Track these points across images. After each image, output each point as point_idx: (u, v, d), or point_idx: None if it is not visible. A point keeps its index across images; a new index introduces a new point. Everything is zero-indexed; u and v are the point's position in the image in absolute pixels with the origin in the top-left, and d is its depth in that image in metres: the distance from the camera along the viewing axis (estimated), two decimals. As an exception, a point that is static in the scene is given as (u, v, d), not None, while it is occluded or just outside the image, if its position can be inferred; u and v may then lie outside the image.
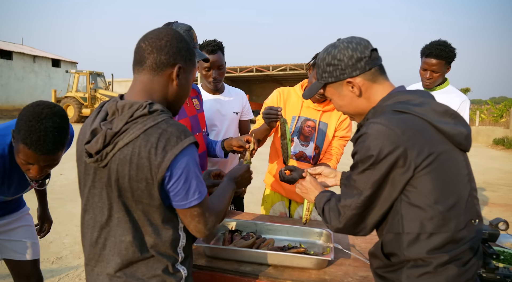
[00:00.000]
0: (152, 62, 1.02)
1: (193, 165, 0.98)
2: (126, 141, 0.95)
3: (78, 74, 18.63)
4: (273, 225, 1.74)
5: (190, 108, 1.83)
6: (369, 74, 1.09)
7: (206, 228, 1.04)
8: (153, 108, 0.98)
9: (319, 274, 1.37)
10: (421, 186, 0.96)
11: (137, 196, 0.97)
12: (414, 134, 0.96)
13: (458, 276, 0.98)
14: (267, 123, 1.79)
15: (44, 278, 2.87)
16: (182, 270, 1.09)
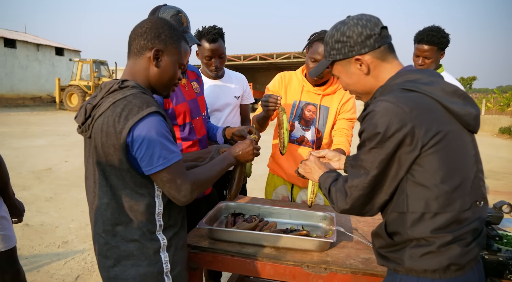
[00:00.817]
0: (134, 47, 1.16)
1: (155, 132, 1.05)
2: (100, 113, 1.08)
3: (81, 62, 18.60)
4: (276, 208, 1.75)
5: (189, 92, 1.82)
6: (378, 52, 1.07)
7: (180, 195, 1.10)
8: (124, 84, 1.11)
9: (321, 256, 1.38)
10: (428, 165, 0.95)
11: (109, 161, 1.08)
12: (422, 113, 0.95)
13: (461, 256, 0.98)
14: (265, 111, 1.78)
15: (50, 261, 2.96)
16: (161, 239, 1.15)
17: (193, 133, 1.78)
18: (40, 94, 23.47)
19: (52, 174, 5.86)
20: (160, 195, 1.14)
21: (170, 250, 1.17)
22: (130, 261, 1.12)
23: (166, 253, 1.16)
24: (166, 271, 1.15)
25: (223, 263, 1.40)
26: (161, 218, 1.15)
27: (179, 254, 1.20)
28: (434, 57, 2.31)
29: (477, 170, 1.02)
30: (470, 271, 1.01)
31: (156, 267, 1.13)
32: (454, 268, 0.98)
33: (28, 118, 14.54)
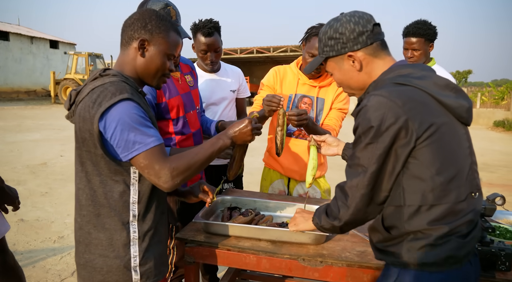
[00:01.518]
0: (123, 38, 1.19)
1: (129, 118, 1.05)
2: (80, 99, 1.12)
3: (77, 55, 18.42)
4: (272, 202, 1.75)
5: (183, 85, 1.80)
6: (370, 49, 1.08)
7: (160, 181, 1.07)
8: (106, 72, 1.14)
9: (317, 249, 1.39)
10: (423, 157, 0.96)
11: (86, 146, 1.09)
12: (415, 106, 0.96)
13: (458, 249, 0.99)
14: (266, 110, 1.77)
15: (46, 257, 2.96)
16: (132, 231, 1.13)
17: (187, 127, 1.77)
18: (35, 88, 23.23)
19: (47, 168, 5.82)
20: (136, 183, 1.13)
21: (142, 245, 1.15)
22: (98, 250, 1.13)
23: (137, 247, 1.14)
24: (134, 266, 1.13)
25: (219, 257, 1.40)
26: (136, 208, 1.14)
27: (152, 250, 1.17)
28: (422, 49, 2.36)
29: (471, 162, 1.03)
30: (467, 263, 1.02)
31: (124, 260, 1.12)
32: (452, 261, 0.99)
33: (23, 112, 14.41)
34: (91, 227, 1.13)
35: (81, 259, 1.16)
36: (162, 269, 1.24)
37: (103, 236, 1.12)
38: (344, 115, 2.07)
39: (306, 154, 2.03)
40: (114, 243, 1.13)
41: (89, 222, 1.13)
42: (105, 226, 1.12)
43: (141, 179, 1.14)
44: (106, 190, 1.11)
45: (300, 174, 2.07)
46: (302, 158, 2.05)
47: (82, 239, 1.15)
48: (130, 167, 1.12)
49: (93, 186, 1.11)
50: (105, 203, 1.12)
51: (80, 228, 1.16)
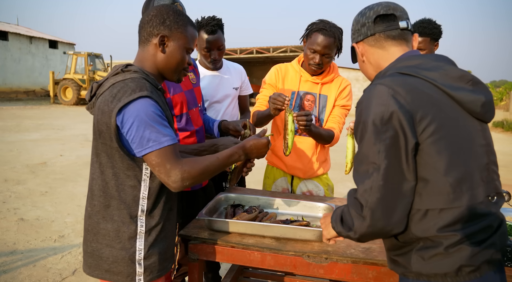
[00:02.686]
0: (142, 35, 1.21)
1: (146, 115, 1.06)
2: (101, 92, 1.14)
3: (76, 55, 18.35)
4: (276, 199, 1.74)
5: (186, 83, 1.80)
6: (372, 40, 1.06)
7: (170, 180, 1.08)
8: (128, 68, 1.16)
9: (321, 246, 1.38)
10: (427, 156, 0.89)
11: (102, 138, 1.11)
12: (419, 97, 0.90)
13: (472, 257, 0.90)
14: (272, 108, 1.76)
15: (47, 256, 2.94)
16: (139, 225, 1.15)
17: (190, 123, 1.76)
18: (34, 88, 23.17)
19: (47, 168, 5.81)
20: (147, 179, 1.16)
21: (148, 239, 1.16)
22: (105, 240, 1.15)
23: (143, 241, 1.15)
24: (138, 259, 1.15)
25: (223, 254, 1.40)
26: (145, 203, 1.16)
27: (158, 245, 1.18)
28: (428, 48, 2.36)
29: (488, 161, 0.96)
30: (489, 272, 0.93)
31: (129, 252, 1.14)
32: (468, 270, 0.91)
33: (22, 112, 14.37)
34: (100, 217, 1.15)
35: (88, 247, 1.18)
36: (166, 264, 1.24)
37: (111, 227, 1.14)
38: (347, 112, 2.07)
39: (310, 151, 2.03)
40: (121, 235, 1.14)
41: (98, 212, 1.16)
42: (114, 218, 1.14)
43: (152, 176, 1.16)
44: (118, 182, 1.13)
45: (303, 172, 2.06)
46: (306, 155, 2.04)
47: (91, 228, 1.17)
48: (143, 163, 1.13)
49: (105, 178, 1.14)
50: (115, 195, 1.14)
51: (89, 217, 1.18)
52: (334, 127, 1.99)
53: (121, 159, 1.12)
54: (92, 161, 1.18)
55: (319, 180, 2.11)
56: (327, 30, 1.84)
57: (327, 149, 2.13)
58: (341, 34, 1.90)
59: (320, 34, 1.84)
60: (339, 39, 1.88)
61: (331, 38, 1.84)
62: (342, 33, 1.91)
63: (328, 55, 1.89)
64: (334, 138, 1.97)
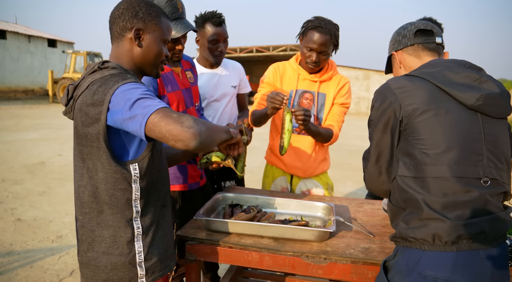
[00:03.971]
0: (114, 31, 1.15)
1: (135, 91, 0.98)
2: (79, 93, 1.07)
3: (75, 54, 18.29)
4: (274, 199, 1.72)
5: (183, 81, 1.77)
6: (410, 49, 1.22)
7: (184, 126, 0.92)
8: (104, 65, 1.10)
9: (320, 246, 1.36)
10: (414, 133, 1.04)
11: (89, 141, 1.05)
12: (411, 90, 1.06)
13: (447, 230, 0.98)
14: (270, 107, 1.74)
15: (44, 256, 2.92)
16: (136, 227, 1.11)
17: None
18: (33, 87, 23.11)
19: (45, 168, 5.78)
20: (137, 180, 1.10)
21: (146, 240, 1.13)
22: (102, 248, 1.10)
23: (141, 242, 1.12)
24: (139, 262, 1.11)
25: (221, 254, 1.37)
26: (138, 204, 1.12)
27: (156, 245, 1.16)
28: None
29: (485, 149, 1.03)
30: (472, 252, 0.98)
31: (128, 257, 1.10)
32: (444, 241, 0.99)
33: (20, 111, 14.33)
34: (94, 225, 1.10)
35: (83, 257, 1.13)
36: (168, 263, 1.22)
37: (107, 233, 1.09)
38: (346, 110, 2.05)
39: (309, 150, 2.01)
40: (118, 240, 1.10)
41: (91, 219, 1.10)
42: (109, 223, 1.09)
43: (142, 176, 1.11)
44: (108, 187, 1.08)
45: (303, 171, 2.04)
46: (305, 154, 2.02)
47: (85, 238, 1.12)
48: (130, 164, 1.09)
49: (95, 183, 1.08)
50: (107, 200, 1.08)
51: (82, 226, 1.12)
52: (333, 125, 1.98)
53: (109, 162, 1.06)
54: (77, 168, 1.11)
55: (318, 179, 2.09)
56: (323, 27, 1.82)
57: (326, 147, 2.11)
58: (337, 30, 1.88)
59: (315, 32, 1.83)
60: (335, 36, 1.86)
61: (327, 35, 1.82)
62: (338, 29, 1.89)
63: (324, 53, 1.87)
64: (333, 137, 1.94)
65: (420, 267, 1.00)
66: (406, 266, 1.03)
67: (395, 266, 1.07)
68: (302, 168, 2.04)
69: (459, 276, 0.96)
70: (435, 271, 0.97)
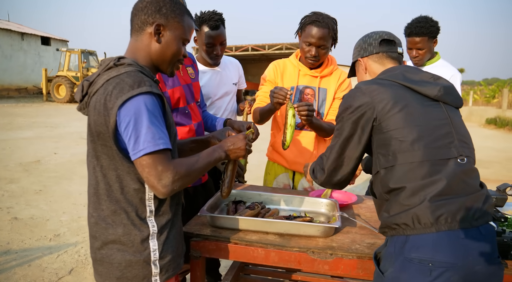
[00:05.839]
0: (135, 23, 1.13)
1: (144, 113, 0.99)
2: (94, 90, 1.06)
3: (69, 52, 18.12)
4: (278, 195, 1.72)
5: (185, 77, 1.77)
6: (375, 57, 1.31)
7: (160, 184, 1.00)
8: (120, 62, 1.08)
9: (326, 242, 1.36)
10: (388, 125, 1.11)
11: (102, 139, 1.05)
12: (379, 90, 1.14)
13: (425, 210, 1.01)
14: (273, 102, 1.74)
15: (42, 255, 2.90)
16: (151, 226, 1.11)
17: (189, 118, 1.73)
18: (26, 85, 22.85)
19: (41, 166, 5.72)
20: None
21: (161, 238, 1.13)
22: (116, 245, 1.09)
23: (156, 241, 1.11)
24: (153, 260, 1.11)
25: (226, 251, 1.37)
26: (152, 204, 1.11)
27: (170, 243, 1.15)
28: (426, 47, 2.34)
29: (454, 132, 1.12)
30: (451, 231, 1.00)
31: (143, 255, 1.09)
32: (422, 223, 1.02)
33: (14, 109, 14.17)
34: (109, 222, 1.09)
35: (97, 254, 1.12)
36: (179, 261, 1.22)
37: (121, 231, 1.08)
38: None
39: (311, 146, 2.02)
40: (133, 239, 1.09)
41: (107, 217, 1.09)
42: (123, 221, 1.09)
43: None
44: (123, 185, 1.07)
45: (304, 168, 2.04)
46: (307, 150, 2.02)
47: (99, 235, 1.11)
48: None
49: (109, 181, 1.08)
50: (121, 199, 1.08)
51: (96, 223, 1.11)
52: (334, 119, 1.98)
53: (122, 161, 1.05)
54: (91, 165, 1.11)
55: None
56: (321, 22, 1.83)
57: (328, 143, 2.12)
58: (335, 24, 1.89)
59: (313, 26, 1.84)
60: (333, 30, 1.87)
61: (325, 29, 1.83)
62: (336, 23, 1.89)
63: (323, 47, 1.87)
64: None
65: (405, 251, 1.03)
66: (394, 253, 1.06)
67: (384, 255, 1.11)
68: (305, 164, 2.03)
69: (442, 256, 0.98)
70: (418, 253, 1.01)
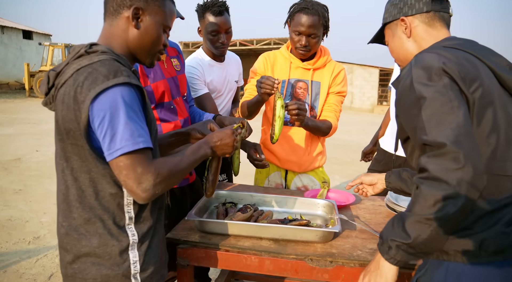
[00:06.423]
0: (110, 5, 1.00)
1: (121, 107, 0.87)
2: (62, 82, 0.93)
3: (52, 47, 17.57)
4: (271, 196, 1.60)
5: (169, 69, 1.62)
6: (425, 17, 1.03)
7: (140, 188, 0.88)
8: (93, 49, 0.94)
9: (325, 248, 1.25)
10: (481, 119, 0.87)
11: (72, 138, 0.92)
12: (467, 65, 0.87)
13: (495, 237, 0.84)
14: (260, 93, 1.60)
15: (20, 260, 2.72)
16: (130, 235, 0.98)
17: (174, 114, 1.59)
18: (7, 81, 22.12)
19: (21, 164, 5.48)
20: None
21: (142, 248, 1.00)
22: (91, 258, 0.96)
23: (136, 251, 0.98)
24: (134, 273, 0.98)
25: (216, 259, 1.25)
26: (131, 209, 0.98)
27: (153, 253, 1.03)
28: None
29: None
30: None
31: (122, 268, 0.96)
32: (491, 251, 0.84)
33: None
34: (82, 233, 0.96)
35: (68, 270, 0.98)
36: (163, 272, 1.08)
37: (96, 242, 0.95)
38: (343, 99, 1.94)
39: (304, 142, 1.90)
40: (110, 250, 0.95)
41: (79, 226, 0.96)
42: (98, 231, 0.95)
43: None
44: (97, 189, 0.94)
45: (298, 165, 1.93)
46: (300, 147, 1.91)
47: (70, 247, 0.97)
48: None
49: (81, 185, 0.94)
50: (96, 205, 0.94)
51: (66, 234, 0.97)
52: (331, 116, 1.87)
53: (95, 163, 0.92)
54: (59, 167, 0.97)
55: (314, 174, 1.99)
56: (309, 9, 1.71)
57: (322, 139, 2.01)
58: (327, 11, 1.77)
59: (302, 14, 1.72)
60: (324, 17, 1.75)
61: (315, 16, 1.71)
62: (327, 10, 1.78)
63: (314, 35, 1.75)
64: (332, 129, 1.84)
65: None
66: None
67: None
68: (297, 162, 1.92)
69: None
70: None
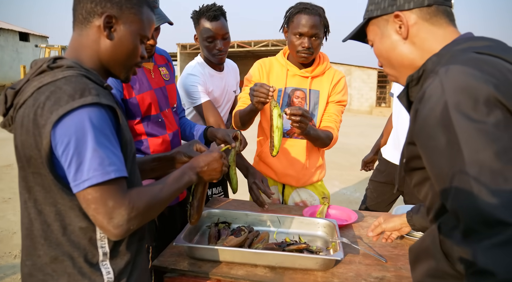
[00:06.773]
0: (79, 13, 0.89)
1: (89, 132, 0.76)
2: (21, 102, 0.82)
3: (49, 49, 17.46)
4: (267, 215, 1.50)
5: (157, 79, 1.52)
6: (426, 12, 0.79)
7: (111, 224, 0.77)
8: (57, 63, 0.83)
9: (326, 277, 1.14)
10: None
11: (33, 166, 0.81)
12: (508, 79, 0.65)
13: None
14: (254, 102, 1.49)
15: (4, 276, 2.58)
16: (105, 272, 0.86)
17: (162, 127, 1.49)
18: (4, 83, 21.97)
19: (13, 171, 5.35)
20: None
21: None
22: None
23: None
24: None
25: (206, 289, 1.14)
26: (105, 244, 0.86)
27: None
28: None
29: None
30: None
31: None
32: None
33: (-11, 108, 13.52)
34: (47, 273, 0.84)
35: None
36: None
37: (66, 280, 0.83)
38: (343, 108, 1.84)
39: (302, 156, 1.80)
40: None
41: (45, 265, 0.84)
42: (67, 270, 0.83)
43: None
44: (65, 223, 0.83)
45: (296, 179, 1.82)
46: (298, 161, 1.80)
47: None
48: None
49: (46, 219, 0.83)
50: (63, 241, 0.83)
51: (30, 274, 0.85)
52: (332, 126, 1.76)
53: (61, 194, 0.81)
54: (22, 198, 0.86)
55: (313, 188, 1.88)
56: (310, 9, 1.63)
57: (322, 152, 1.90)
58: (324, 12, 1.68)
59: (303, 14, 1.62)
60: (324, 18, 1.66)
61: (316, 16, 1.62)
62: (324, 11, 1.69)
63: (317, 36, 1.65)
64: (333, 140, 1.74)
65: None
66: None
67: None
68: (295, 176, 1.82)
69: None
70: None
